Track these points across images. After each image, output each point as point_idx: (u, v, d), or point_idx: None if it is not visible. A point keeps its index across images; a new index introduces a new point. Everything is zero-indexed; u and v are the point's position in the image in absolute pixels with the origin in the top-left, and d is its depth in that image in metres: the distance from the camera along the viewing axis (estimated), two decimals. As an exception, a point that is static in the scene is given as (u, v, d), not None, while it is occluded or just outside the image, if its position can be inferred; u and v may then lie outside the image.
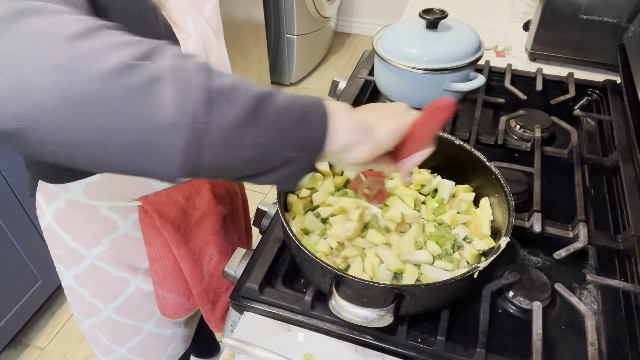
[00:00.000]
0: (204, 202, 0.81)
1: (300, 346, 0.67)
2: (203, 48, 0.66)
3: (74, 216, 0.76)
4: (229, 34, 2.12)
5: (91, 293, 0.84)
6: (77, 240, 0.79)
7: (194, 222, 0.82)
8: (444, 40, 0.95)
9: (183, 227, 0.80)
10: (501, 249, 0.63)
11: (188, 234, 0.81)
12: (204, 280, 0.87)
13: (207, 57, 0.69)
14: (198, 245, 0.84)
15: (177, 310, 0.90)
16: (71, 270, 0.82)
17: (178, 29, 0.61)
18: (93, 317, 0.88)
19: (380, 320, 0.58)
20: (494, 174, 0.74)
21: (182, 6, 0.63)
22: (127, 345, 0.92)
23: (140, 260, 0.83)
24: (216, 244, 0.87)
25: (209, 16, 0.71)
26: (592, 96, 1.15)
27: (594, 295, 0.74)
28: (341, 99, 1.09)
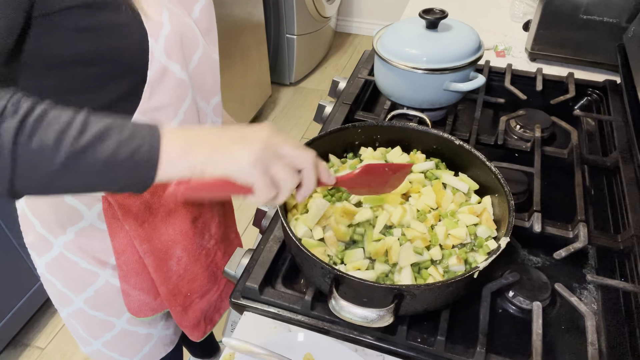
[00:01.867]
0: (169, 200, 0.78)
1: (300, 346, 0.67)
2: (179, 42, 0.65)
3: (42, 202, 0.76)
4: (229, 34, 2.12)
5: (61, 283, 0.84)
6: (45, 227, 0.78)
7: (160, 218, 0.79)
8: (444, 40, 0.95)
9: (147, 223, 0.77)
10: (501, 249, 0.63)
11: (153, 230, 0.78)
12: (171, 280, 0.85)
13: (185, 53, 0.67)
14: (164, 244, 0.81)
15: (142, 309, 0.87)
16: (43, 258, 0.82)
17: (147, 18, 0.60)
18: (67, 307, 0.87)
19: (380, 320, 0.58)
20: (494, 174, 0.74)
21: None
22: (102, 339, 0.91)
23: (108, 255, 0.81)
24: (184, 245, 0.84)
25: (198, 18, 0.70)
26: (592, 96, 1.15)
27: (594, 295, 0.74)
28: (341, 99, 1.09)
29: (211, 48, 0.75)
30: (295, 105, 2.91)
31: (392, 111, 0.97)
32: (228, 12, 2.08)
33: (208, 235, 0.88)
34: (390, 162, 0.82)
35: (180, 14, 0.66)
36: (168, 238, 0.81)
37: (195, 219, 0.83)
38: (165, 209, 0.78)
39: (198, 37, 0.70)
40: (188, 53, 0.68)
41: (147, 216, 0.77)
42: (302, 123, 2.76)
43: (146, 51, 0.61)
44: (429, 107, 1.01)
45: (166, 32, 0.62)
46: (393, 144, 0.85)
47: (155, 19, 0.61)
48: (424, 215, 0.74)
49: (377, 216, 0.73)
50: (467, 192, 0.78)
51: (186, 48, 0.68)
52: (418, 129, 0.84)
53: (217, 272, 0.93)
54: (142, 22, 0.60)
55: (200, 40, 0.71)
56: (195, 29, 0.70)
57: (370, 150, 0.85)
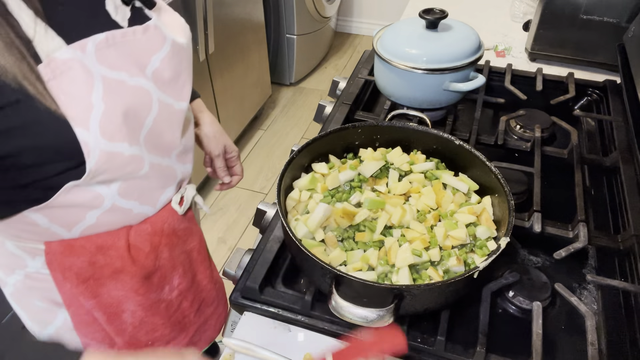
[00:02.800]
0: (116, 258, 0.71)
1: (300, 346, 0.67)
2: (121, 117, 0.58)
3: None
4: (229, 34, 2.12)
5: (24, 317, 0.80)
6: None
7: (106, 275, 0.72)
8: (444, 40, 0.95)
9: (93, 279, 0.72)
10: (501, 249, 0.63)
11: (99, 287, 0.73)
12: (126, 332, 0.79)
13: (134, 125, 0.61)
14: (114, 298, 0.75)
15: None
16: (5, 290, 0.78)
17: (71, 107, 0.54)
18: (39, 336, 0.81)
19: (380, 320, 0.58)
20: (494, 174, 0.74)
21: (83, 77, 0.55)
22: None
23: None
24: (137, 301, 0.77)
25: (158, 68, 0.63)
26: (592, 96, 1.15)
27: (594, 295, 0.74)
28: (341, 99, 1.09)
29: (174, 98, 0.67)
30: (295, 105, 2.91)
31: (392, 111, 0.97)
32: (228, 12, 2.08)
33: (169, 288, 0.81)
34: (390, 162, 0.82)
35: (125, 77, 0.59)
36: (118, 294, 0.75)
37: (150, 274, 0.77)
38: (111, 267, 0.72)
39: (151, 97, 0.63)
40: (138, 122, 0.62)
41: (92, 273, 0.71)
42: (302, 123, 2.76)
43: (73, 142, 0.55)
44: (429, 107, 1.01)
45: (99, 114, 0.56)
46: (393, 144, 0.85)
47: (82, 103, 0.55)
48: (423, 216, 0.74)
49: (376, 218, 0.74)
50: (467, 192, 0.78)
51: (134, 117, 0.61)
52: (418, 129, 0.84)
53: (184, 320, 0.87)
54: (59, 116, 0.53)
55: (155, 99, 0.63)
56: (148, 87, 0.62)
57: (370, 150, 0.85)
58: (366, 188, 0.79)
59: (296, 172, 0.80)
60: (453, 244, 0.70)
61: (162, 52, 0.63)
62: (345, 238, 0.72)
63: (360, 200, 0.76)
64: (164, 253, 0.77)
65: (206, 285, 0.90)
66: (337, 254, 0.68)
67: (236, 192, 2.33)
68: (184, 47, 0.66)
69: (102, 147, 0.57)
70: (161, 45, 0.63)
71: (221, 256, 2.03)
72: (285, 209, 0.76)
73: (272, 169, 2.45)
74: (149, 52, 0.62)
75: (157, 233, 0.74)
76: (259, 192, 2.33)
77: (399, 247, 0.68)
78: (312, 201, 0.76)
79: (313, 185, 0.78)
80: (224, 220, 2.18)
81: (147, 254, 0.74)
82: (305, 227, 0.70)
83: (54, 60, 0.52)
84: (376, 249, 0.70)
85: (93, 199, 0.63)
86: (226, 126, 2.30)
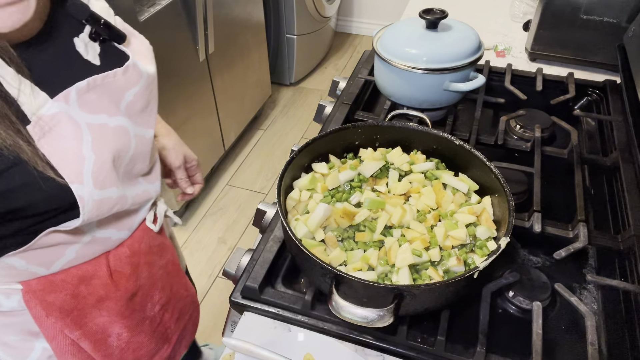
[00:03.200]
0: (99, 287, 0.71)
1: (300, 346, 0.67)
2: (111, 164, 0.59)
3: None
4: (229, 34, 2.12)
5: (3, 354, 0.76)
6: None
7: (90, 305, 0.71)
8: (444, 40, 0.95)
9: (77, 311, 0.70)
10: (501, 249, 0.63)
11: (84, 317, 0.71)
12: (113, 355, 0.78)
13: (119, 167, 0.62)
14: (99, 326, 0.74)
15: None
16: None
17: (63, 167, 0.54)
18: None
19: (380, 320, 0.58)
20: (494, 174, 0.74)
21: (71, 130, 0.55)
22: None
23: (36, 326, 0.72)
24: (123, 323, 0.76)
25: (131, 101, 0.63)
26: (592, 96, 1.15)
27: (594, 295, 0.74)
28: (341, 99, 1.09)
29: (145, 127, 0.67)
30: (295, 105, 2.91)
31: (392, 111, 0.97)
32: (228, 12, 2.08)
33: (151, 305, 0.81)
34: (390, 162, 0.82)
35: (106, 119, 0.59)
36: (102, 320, 0.74)
37: (133, 295, 0.76)
38: (94, 296, 0.71)
39: (129, 133, 0.63)
40: (121, 162, 0.63)
41: (75, 305, 0.70)
42: (302, 123, 2.76)
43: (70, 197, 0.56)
44: (429, 107, 1.01)
45: (90, 165, 0.56)
46: (393, 144, 0.85)
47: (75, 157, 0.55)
48: (423, 216, 0.74)
49: (376, 218, 0.74)
50: (467, 192, 0.78)
51: (118, 159, 0.61)
52: (418, 129, 0.84)
53: (166, 332, 0.87)
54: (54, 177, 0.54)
55: (132, 135, 0.64)
56: (126, 124, 0.62)
57: (370, 150, 0.85)
58: (366, 188, 0.79)
59: (296, 172, 0.80)
60: (453, 244, 0.70)
61: (137, 87, 0.63)
62: (345, 238, 0.72)
63: (360, 200, 0.76)
64: (143, 272, 0.77)
65: (183, 294, 0.90)
66: (337, 254, 0.68)
67: (236, 192, 2.33)
68: (154, 75, 0.67)
69: (95, 197, 0.58)
70: (137, 81, 0.63)
71: (221, 256, 2.03)
72: (285, 209, 0.76)
73: (272, 169, 2.45)
74: (125, 89, 0.62)
75: (136, 254, 0.74)
76: (259, 192, 2.33)
77: (399, 247, 0.68)
78: (312, 201, 0.76)
79: (313, 185, 0.78)
80: (224, 220, 2.18)
81: (129, 276, 0.74)
82: (305, 227, 0.70)
83: (42, 118, 0.52)
84: (376, 249, 0.70)
85: (73, 235, 0.63)
86: (226, 126, 2.30)
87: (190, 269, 1.96)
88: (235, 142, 2.52)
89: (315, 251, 0.68)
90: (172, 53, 1.77)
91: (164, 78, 1.76)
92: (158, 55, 0.75)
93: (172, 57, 1.77)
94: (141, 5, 1.59)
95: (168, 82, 1.78)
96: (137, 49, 0.66)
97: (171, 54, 1.76)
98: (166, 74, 1.76)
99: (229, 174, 2.42)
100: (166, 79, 1.77)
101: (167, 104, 1.80)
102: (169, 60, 1.76)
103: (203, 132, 2.12)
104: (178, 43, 1.78)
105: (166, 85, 1.77)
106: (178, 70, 1.83)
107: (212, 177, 2.37)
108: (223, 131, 2.29)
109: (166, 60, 1.74)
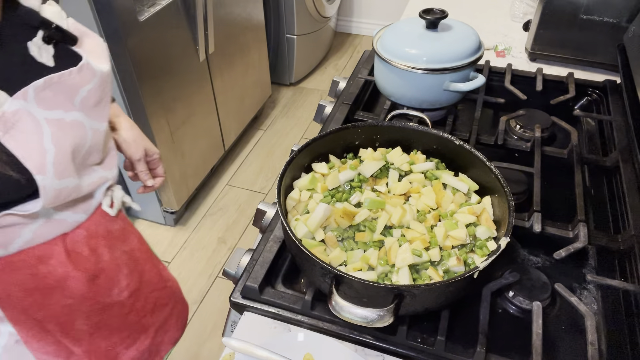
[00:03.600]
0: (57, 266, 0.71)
1: (300, 346, 0.67)
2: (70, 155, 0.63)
3: None
4: (229, 34, 2.12)
5: None
6: None
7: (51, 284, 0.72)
8: (444, 40, 0.95)
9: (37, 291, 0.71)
10: (501, 249, 0.63)
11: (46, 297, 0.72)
12: (83, 340, 0.79)
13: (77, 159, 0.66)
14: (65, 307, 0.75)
15: None
16: None
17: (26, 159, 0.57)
18: None
19: (380, 320, 0.58)
20: (494, 174, 0.74)
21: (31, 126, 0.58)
22: None
23: None
24: (89, 306, 0.77)
25: (85, 97, 0.66)
26: (592, 96, 1.15)
27: (594, 295, 0.74)
28: (341, 99, 1.09)
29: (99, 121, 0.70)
30: (295, 105, 2.91)
31: (392, 111, 0.97)
32: (228, 12, 2.08)
33: (117, 290, 0.81)
34: (390, 162, 0.82)
35: (62, 115, 0.62)
36: (67, 302, 0.75)
37: (94, 277, 0.77)
38: (54, 276, 0.72)
39: (85, 127, 0.66)
40: (79, 154, 0.66)
41: (36, 285, 0.71)
42: (302, 123, 2.76)
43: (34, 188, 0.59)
44: (429, 107, 1.01)
45: (52, 157, 0.60)
46: (393, 144, 0.85)
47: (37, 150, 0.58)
48: (423, 216, 0.74)
49: (376, 218, 0.74)
50: (467, 192, 0.78)
51: (77, 152, 0.65)
52: (418, 129, 0.84)
53: (141, 322, 0.87)
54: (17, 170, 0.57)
55: (88, 128, 0.67)
56: (81, 119, 0.65)
57: (370, 150, 0.85)
58: (366, 188, 0.79)
59: (296, 172, 0.80)
60: (453, 244, 0.70)
61: (91, 84, 0.66)
62: (345, 238, 0.72)
63: (360, 200, 0.76)
64: (104, 255, 0.78)
65: (157, 284, 0.91)
66: (337, 254, 0.68)
67: (236, 192, 2.33)
68: (108, 72, 0.70)
69: (55, 187, 0.62)
70: (91, 79, 0.66)
71: (221, 256, 2.03)
72: (285, 209, 0.76)
73: (272, 169, 2.45)
74: (79, 86, 0.65)
75: (93, 236, 0.76)
76: (259, 192, 2.33)
77: (399, 247, 0.68)
78: (312, 201, 0.76)
79: (313, 185, 0.78)
80: (224, 220, 2.18)
81: (87, 257, 0.75)
82: (305, 227, 0.70)
83: (4, 115, 0.55)
84: (376, 249, 0.70)
85: (28, 217, 0.65)
86: (226, 126, 2.30)
87: (190, 269, 1.97)
88: (235, 142, 2.52)
89: (315, 251, 0.68)
90: (172, 53, 1.77)
91: (164, 78, 1.76)
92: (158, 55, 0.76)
93: (172, 57, 1.77)
94: (141, 5, 1.59)
95: (168, 82, 1.78)
96: (90, 48, 0.69)
97: (171, 54, 1.76)
98: (166, 74, 1.76)
99: (229, 174, 2.42)
100: (166, 79, 1.77)
101: (167, 104, 1.81)
102: (169, 60, 1.76)
103: (203, 132, 2.12)
104: (178, 43, 1.79)
105: (166, 85, 1.78)
106: (178, 70, 1.83)
107: (212, 177, 2.37)
108: (223, 131, 2.29)
109: (166, 60, 1.74)
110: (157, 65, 1.70)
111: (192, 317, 1.81)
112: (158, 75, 1.72)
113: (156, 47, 1.67)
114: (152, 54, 1.66)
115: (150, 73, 1.67)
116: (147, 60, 1.64)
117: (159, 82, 1.73)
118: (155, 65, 1.69)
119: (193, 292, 1.89)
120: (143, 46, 1.60)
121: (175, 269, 1.98)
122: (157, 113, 1.76)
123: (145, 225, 2.15)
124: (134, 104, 1.69)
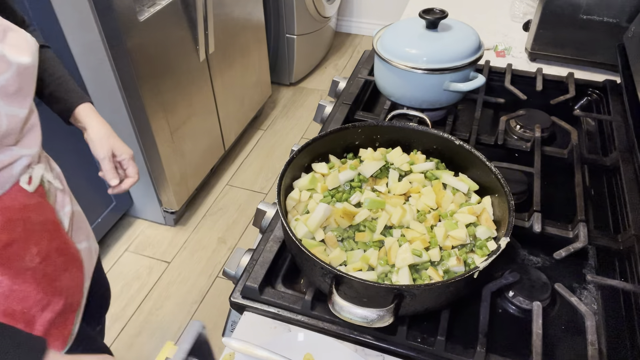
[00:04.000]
0: None
1: (300, 346, 0.67)
2: None
3: None
4: (229, 34, 2.12)
5: None
6: None
7: None
8: (444, 40, 0.95)
9: None
10: (501, 249, 0.63)
11: None
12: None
13: None
14: None
15: None
16: None
17: None
18: None
19: (380, 320, 0.58)
20: (494, 174, 0.74)
21: None
22: None
23: None
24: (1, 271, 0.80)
25: (4, 85, 0.71)
26: (592, 96, 1.15)
27: (594, 295, 0.74)
28: (341, 99, 1.09)
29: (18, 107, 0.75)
30: (295, 105, 2.91)
31: (392, 111, 0.97)
32: (228, 12, 2.08)
33: (29, 257, 0.85)
34: (390, 162, 0.82)
35: None
36: None
37: (6, 246, 0.80)
38: None
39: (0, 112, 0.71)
40: None
41: None
42: (302, 123, 2.76)
43: None
44: (429, 107, 1.01)
45: None
46: (393, 144, 0.85)
47: None
48: (423, 216, 0.74)
49: (376, 218, 0.74)
50: (467, 192, 0.78)
51: None
52: (418, 129, 0.84)
53: (54, 283, 0.90)
54: None
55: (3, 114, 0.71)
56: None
57: (370, 150, 0.85)
58: (366, 188, 0.79)
59: (296, 172, 0.80)
60: (453, 244, 0.70)
61: (7, 73, 0.71)
62: (345, 238, 0.72)
63: (360, 200, 0.76)
64: (18, 227, 0.82)
65: (64, 250, 0.95)
66: (337, 254, 0.68)
67: (236, 192, 2.33)
68: (29, 65, 0.74)
69: None
70: (7, 69, 0.70)
71: (221, 256, 2.03)
72: (285, 209, 0.76)
73: (272, 169, 2.45)
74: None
75: (9, 209, 0.79)
76: (259, 192, 2.33)
77: (399, 247, 0.68)
78: (312, 201, 0.76)
79: (313, 185, 0.78)
80: (224, 220, 2.18)
81: (1, 228, 0.79)
82: (305, 227, 0.70)
83: None
84: (376, 249, 0.70)
85: None
86: (226, 126, 2.30)
87: (190, 269, 1.97)
88: (235, 142, 2.52)
89: (315, 251, 0.68)
90: (172, 53, 1.77)
91: (164, 78, 1.76)
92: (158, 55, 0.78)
93: (172, 57, 1.77)
94: (141, 5, 1.59)
95: (168, 82, 1.78)
96: (13, 42, 0.73)
97: (171, 54, 1.76)
98: (166, 74, 1.76)
99: (229, 174, 2.42)
100: (166, 79, 1.77)
101: (167, 104, 1.81)
102: (169, 60, 1.76)
103: (203, 132, 2.12)
104: (178, 43, 1.79)
105: (166, 85, 1.78)
106: (178, 71, 1.83)
107: (212, 177, 2.37)
108: (223, 131, 2.29)
109: (166, 60, 1.74)
110: (157, 65, 1.70)
111: (192, 317, 1.81)
112: (158, 75, 1.72)
113: (156, 47, 1.67)
114: (152, 54, 1.66)
115: (150, 73, 1.67)
116: (147, 60, 1.64)
117: (159, 82, 1.73)
118: (155, 65, 1.69)
119: (193, 292, 1.89)
120: (143, 46, 1.60)
121: (175, 269, 1.98)
122: (157, 113, 1.76)
123: (145, 225, 2.15)
124: (134, 104, 1.69)
